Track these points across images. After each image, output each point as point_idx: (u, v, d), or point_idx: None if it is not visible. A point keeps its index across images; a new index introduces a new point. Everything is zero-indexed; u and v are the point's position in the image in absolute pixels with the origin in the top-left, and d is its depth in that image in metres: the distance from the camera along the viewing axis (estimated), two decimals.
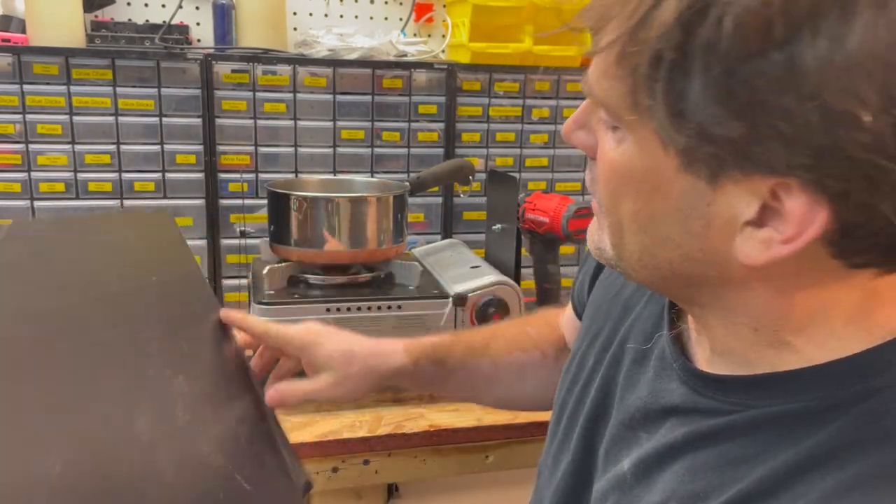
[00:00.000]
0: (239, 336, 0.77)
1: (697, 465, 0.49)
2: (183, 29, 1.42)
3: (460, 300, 1.08)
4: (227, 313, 0.74)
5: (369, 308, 1.07)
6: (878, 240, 0.40)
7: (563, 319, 0.91)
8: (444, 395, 0.91)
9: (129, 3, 1.46)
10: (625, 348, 0.63)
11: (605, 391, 0.64)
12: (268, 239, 1.19)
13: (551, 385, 0.81)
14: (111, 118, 1.31)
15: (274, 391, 0.74)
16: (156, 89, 1.33)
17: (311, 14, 1.55)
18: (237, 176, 1.38)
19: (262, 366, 0.79)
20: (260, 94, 1.38)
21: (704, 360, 0.54)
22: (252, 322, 0.76)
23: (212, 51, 1.38)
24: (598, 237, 0.53)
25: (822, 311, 0.46)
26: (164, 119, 1.34)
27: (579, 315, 0.85)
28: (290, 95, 1.39)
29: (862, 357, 0.45)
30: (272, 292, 1.09)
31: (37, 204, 1.30)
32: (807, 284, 0.45)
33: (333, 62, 1.40)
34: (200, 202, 1.38)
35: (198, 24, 1.49)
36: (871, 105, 0.36)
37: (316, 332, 0.77)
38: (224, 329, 0.73)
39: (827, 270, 0.43)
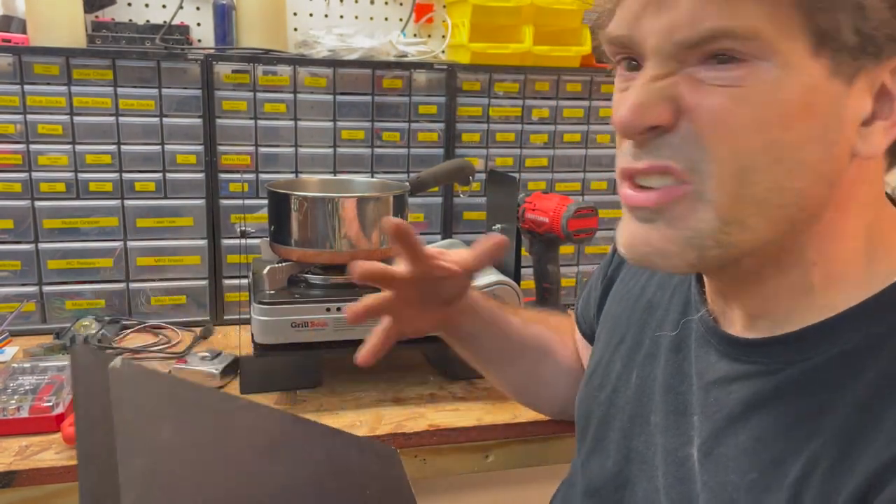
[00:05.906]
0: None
1: (763, 434, 0.50)
2: (183, 29, 1.42)
3: None
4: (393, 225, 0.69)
5: None
6: None
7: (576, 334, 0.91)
8: (483, 351, 0.86)
9: (129, 4, 1.46)
10: (659, 342, 0.63)
11: (642, 390, 0.64)
12: (268, 239, 1.19)
13: (563, 382, 0.81)
14: (112, 118, 1.32)
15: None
16: (156, 89, 1.33)
17: (311, 14, 1.56)
18: (237, 176, 1.39)
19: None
20: (260, 95, 1.38)
21: (737, 331, 0.55)
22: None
23: (212, 51, 1.38)
24: (686, 219, 0.47)
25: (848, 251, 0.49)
26: (165, 119, 1.34)
27: (584, 333, 0.86)
28: (291, 96, 1.39)
29: (880, 297, 0.48)
30: (272, 292, 1.09)
31: (37, 204, 1.30)
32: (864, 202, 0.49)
33: (333, 62, 1.40)
34: (201, 202, 1.38)
35: (198, 24, 1.49)
36: None
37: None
38: None
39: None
